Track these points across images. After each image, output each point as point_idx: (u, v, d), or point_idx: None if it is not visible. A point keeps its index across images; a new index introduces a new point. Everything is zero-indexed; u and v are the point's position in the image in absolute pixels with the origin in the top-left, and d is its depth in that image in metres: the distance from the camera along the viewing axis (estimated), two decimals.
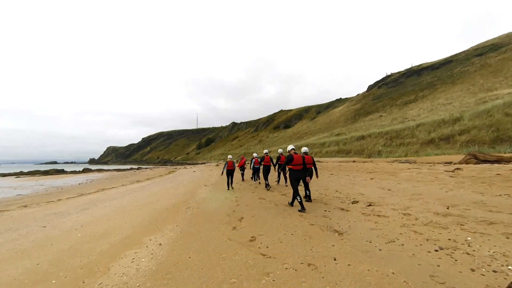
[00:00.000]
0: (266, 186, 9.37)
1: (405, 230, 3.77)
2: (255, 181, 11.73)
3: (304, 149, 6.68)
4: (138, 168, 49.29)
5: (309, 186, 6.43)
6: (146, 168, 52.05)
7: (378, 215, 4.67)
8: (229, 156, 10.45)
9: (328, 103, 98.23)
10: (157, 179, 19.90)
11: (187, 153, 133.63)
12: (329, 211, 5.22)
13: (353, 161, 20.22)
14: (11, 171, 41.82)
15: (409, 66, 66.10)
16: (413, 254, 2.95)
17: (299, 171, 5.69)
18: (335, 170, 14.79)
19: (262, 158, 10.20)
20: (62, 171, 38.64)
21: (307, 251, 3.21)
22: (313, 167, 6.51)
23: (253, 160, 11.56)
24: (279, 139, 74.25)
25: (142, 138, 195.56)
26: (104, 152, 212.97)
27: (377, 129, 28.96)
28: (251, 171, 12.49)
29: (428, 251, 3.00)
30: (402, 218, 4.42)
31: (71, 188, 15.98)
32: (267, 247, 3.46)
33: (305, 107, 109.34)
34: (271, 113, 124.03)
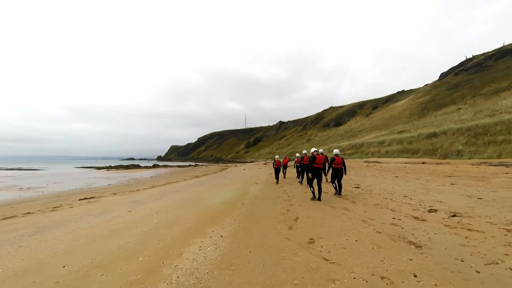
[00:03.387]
0: (301, 182, 10.84)
1: None
2: (298, 178, 12.60)
3: (335, 151, 7.47)
4: (195, 165, 54.58)
5: (342, 183, 7.61)
6: (202, 165, 57.15)
7: (468, 229, 3.83)
8: (276, 156, 12.81)
9: (386, 96, 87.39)
10: (212, 175, 21.54)
11: (237, 152, 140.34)
12: (399, 219, 4.58)
13: (423, 163, 17.39)
14: (103, 165, 52.40)
15: (500, 46, 52.59)
16: None
17: (320, 169, 6.89)
18: (400, 172, 13.01)
19: (302, 158, 11.69)
20: (138, 166, 46.08)
21: (377, 262, 2.87)
22: (343, 167, 7.28)
23: (296, 159, 12.98)
24: (329, 137, 70.16)
25: (198, 138, 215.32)
26: (168, 150, 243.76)
27: (455, 125, 24.09)
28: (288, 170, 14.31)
29: None
30: (506, 235, 3.50)
31: (145, 181, 18.85)
32: (329, 251, 3.25)
33: (358, 102, 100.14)
34: (320, 110, 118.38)
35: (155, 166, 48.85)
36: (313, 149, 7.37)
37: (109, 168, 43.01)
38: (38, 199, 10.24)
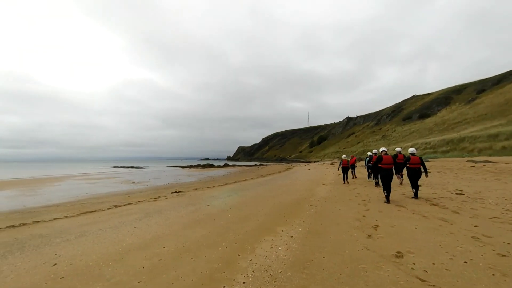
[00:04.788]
0: (376, 184, 9.95)
1: None
2: (368, 179, 12.10)
3: (410, 150, 6.98)
4: (260, 165, 56.93)
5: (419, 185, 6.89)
6: (266, 164, 59.06)
7: None
8: (343, 156, 12.21)
9: (499, 75, 66.24)
10: (277, 175, 21.88)
11: (300, 151, 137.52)
12: None
13: None
14: (186, 164, 62.03)
15: None
16: None
17: (388, 169, 6.51)
18: None
19: (371, 157, 11.24)
20: (212, 165, 52.07)
21: None
22: (421, 167, 6.68)
23: (367, 158, 12.13)
24: (412, 132, 58.95)
25: (262, 139, 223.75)
26: (236, 150, 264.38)
27: None
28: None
29: None
30: None
31: (218, 178, 21.06)
32: (426, 271, 2.68)
33: (454, 86, 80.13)
34: (398, 101, 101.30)
35: (225, 165, 53.93)
36: (382, 149, 7.16)
37: (190, 167, 50.45)
38: (144, 191, 13.06)
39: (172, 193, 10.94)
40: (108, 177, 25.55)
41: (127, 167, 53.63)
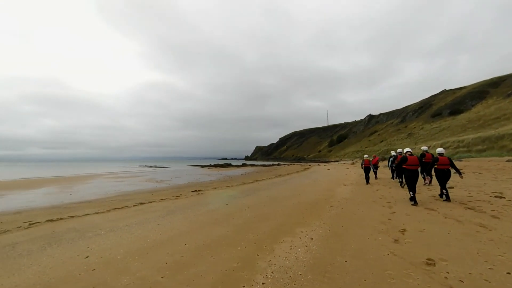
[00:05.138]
0: (401, 184, 9.65)
1: None
2: (393, 179, 11.80)
3: (439, 150, 6.62)
4: (278, 164, 56.58)
5: (446, 185, 6.48)
6: (284, 164, 58.55)
7: None
8: (365, 156, 12.36)
9: None
10: (295, 174, 21.56)
11: (319, 151, 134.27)
12: None
13: None
14: (205, 164, 63.64)
15: None
16: None
17: (413, 170, 6.25)
18: None
19: (395, 157, 11.07)
20: (230, 165, 52.82)
21: None
22: (451, 168, 6.29)
23: (391, 158, 12.03)
24: (442, 130, 54.66)
25: (280, 138, 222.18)
26: (254, 150, 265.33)
27: None
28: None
29: None
30: None
31: (236, 178, 21.29)
32: (461, 281, 2.45)
33: (490, 79, 72.87)
34: (426, 96, 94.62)
35: (243, 165, 54.40)
36: (406, 149, 7.01)
37: (209, 166, 51.65)
38: (166, 189, 13.61)
39: (192, 191, 11.27)
40: (134, 175, 27.05)
41: (151, 166, 56.35)
